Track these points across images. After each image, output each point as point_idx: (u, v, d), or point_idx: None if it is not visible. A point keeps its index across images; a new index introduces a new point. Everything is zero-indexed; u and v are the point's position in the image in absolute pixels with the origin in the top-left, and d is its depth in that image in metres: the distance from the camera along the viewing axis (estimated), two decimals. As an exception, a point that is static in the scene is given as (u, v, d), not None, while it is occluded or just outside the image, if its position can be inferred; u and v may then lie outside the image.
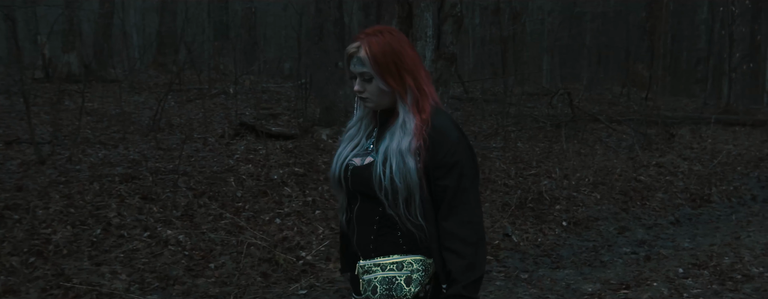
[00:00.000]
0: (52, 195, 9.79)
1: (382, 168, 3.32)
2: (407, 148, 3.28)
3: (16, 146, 13.28)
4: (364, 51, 3.36)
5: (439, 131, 3.32)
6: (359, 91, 3.42)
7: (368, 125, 3.60)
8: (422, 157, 3.29)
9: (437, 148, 3.29)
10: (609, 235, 10.34)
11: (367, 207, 3.46)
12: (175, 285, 7.65)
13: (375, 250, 3.47)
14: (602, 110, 20.71)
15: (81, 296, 7.20)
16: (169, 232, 8.76)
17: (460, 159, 3.32)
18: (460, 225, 3.29)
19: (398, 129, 3.35)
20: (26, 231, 8.45)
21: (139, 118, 16.81)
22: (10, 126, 15.17)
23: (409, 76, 3.37)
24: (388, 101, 3.43)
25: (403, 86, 3.36)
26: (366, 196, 3.45)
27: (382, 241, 3.45)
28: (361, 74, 3.39)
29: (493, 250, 9.21)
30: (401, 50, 3.37)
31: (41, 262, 7.84)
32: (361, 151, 3.52)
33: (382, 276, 3.44)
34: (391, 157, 3.30)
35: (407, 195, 3.30)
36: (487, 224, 9.93)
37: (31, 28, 26.27)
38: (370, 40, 3.37)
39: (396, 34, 3.43)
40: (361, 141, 3.58)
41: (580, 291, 7.92)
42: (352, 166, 3.49)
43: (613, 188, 12.14)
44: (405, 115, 3.36)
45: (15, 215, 8.98)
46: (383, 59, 3.34)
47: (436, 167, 3.30)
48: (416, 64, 3.41)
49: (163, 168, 11.45)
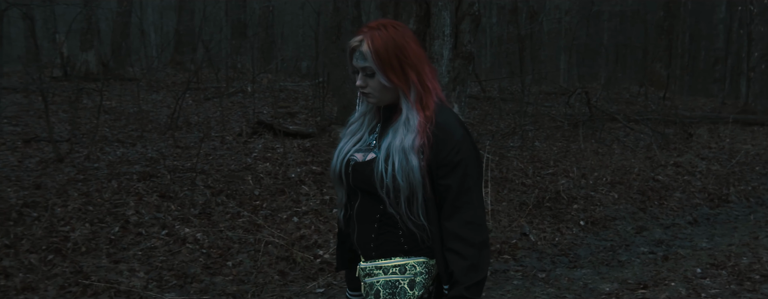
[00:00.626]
0: (71, 193, 9.83)
1: (384, 165, 3.24)
2: (410, 146, 3.21)
3: (35, 144, 13.34)
4: (367, 45, 3.27)
5: (444, 129, 3.25)
6: (361, 86, 3.35)
7: (371, 120, 3.52)
8: (426, 155, 3.22)
9: (441, 146, 3.22)
10: (626, 235, 10.32)
11: (367, 204, 3.39)
12: (193, 283, 7.67)
13: (376, 249, 3.41)
14: (620, 109, 20.65)
15: (99, 293, 7.22)
16: (187, 230, 8.78)
17: (464, 158, 3.24)
18: (462, 226, 3.23)
19: (401, 126, 3.27)
20: (45, 229, 8.49)
21: (157, 116, 16.86)
22: (29, 124, 15.23)
23: (412, 72, 3.28)
24: (391, 97, 3.35)
25: (406, 82, 3.28)
26: (367, 193, 3.37)
27: (383, 240, 3.39)
28: (363, 69, 3.30)
29: (510, 249, 9.20)
30: (405, 45, 3.28)
31: (60, 260, 7.87)
32: (364, 147, 3.45)
33: (385, 280, 3.38)
34: (394, 154, 3.23)
35: (409, 194, 3.23)
36: (505, 223, 9.93)
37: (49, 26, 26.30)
38: (373, 33, 3.28)
39: (400, 28, 3.34)
40: (363, 136, 3.50)
41: (597, 290, 7.91)
42: (353, 161, 3.42)
43: (631, 187, 12.12)
44: (408, 111, 3.28)
45: (34, 213, 9.02)
46: (386, 54, 3.24)
47: (439, 166, 3.23)
48: (420, 59, 3.32)
49: (180, 166, 11.48)
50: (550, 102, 21.97)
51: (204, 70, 22.97)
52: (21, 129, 14.83)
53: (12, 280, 7.32)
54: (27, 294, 7.15)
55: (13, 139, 13.68)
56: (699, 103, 26.11)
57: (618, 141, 16.25)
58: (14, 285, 7.23)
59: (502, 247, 9.19)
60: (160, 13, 36.01)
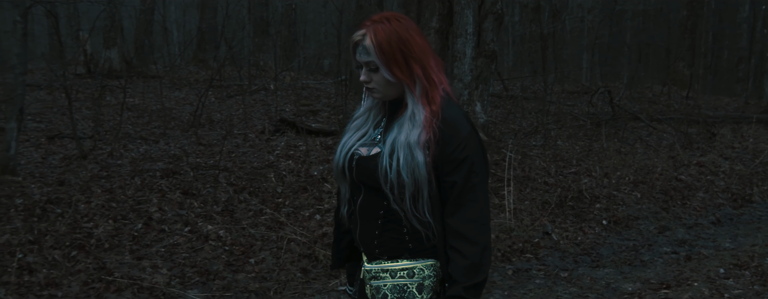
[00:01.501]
0: (94, 189, 9.87)
1: (388, 161, 3.18)
2: (416, 141, 3.15)
3: (59, 141, 13.40)
4: (370, 39, 3.21)
5: (450, 124, 3.19)
6: (366, 81, 3.29)
7: (377, 115, 3.46)
8: (431, 151, 3.16)
9: (447, 141, 3.17)
10: (649, 234, 10.29)
11: (371, 200, 3.33)
12: (216, 279, 7.69)
13: (380, 247, 3.34)
14: (643, 109, 20.59)
15: (122, 290, 7.25)
16: (210, 227, 8.80)
17: (470, 154, 3.19)
18: (465, 224, 3.18)
19: (407, 120, 3.21)
20: (68, 225, 8.53)
21: (180, 113, 16.91)
22: (53, 121, 15.30)
23: (417, 65, 3.22)
24: (396, 91, 3.29)
25: (410, 76, 3.22)
26: (370, 188, 3.31)
27: (387, 238, 3.33)
28: (367, 64, 3.24)
29: (532, 248, 9.19)
30: (408, 38, 3.22)
31: (83, 256, 7.90)
32: (368, 141, 3.39)
33: (393, 284, 3.32)
34: (399, 150, 3.17)
35: (414, 190, 3.17)
36: (527, 222, 9.92)
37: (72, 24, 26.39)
38: (376, 27, 3.22)
39: (404, 21, 3.26)
40: (368, 131, 3.44)
41: (620, 290, 7.89)
42: (357, 156, 3.36)
43: (654, 187, 12.08)
44: (414, 106, 3.22)
45: (57, 209, 9.06)
46: (389, 48, 3.18)
47: (444, 162, 3.18)
48: (425, 52, 3.25)
49: (203, 163, 11.51)
50: (573, 101, 21.92)
51: (226, 67, 23.00)
52: (45, 125, 14.90)
53: (36, 276, 7.36)
54: (51, 289, 7.18)
55: (37, 135, 13.75)
56: (722, 103, 25.99)
57: (641, 140, 16.20)
58: (38, 281, 7.26)
59: (525, 246, 9.18)
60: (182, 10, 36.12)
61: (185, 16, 35.71)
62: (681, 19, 30.10)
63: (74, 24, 25.75)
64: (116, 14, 22.17)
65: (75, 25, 25.56)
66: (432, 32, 13.76)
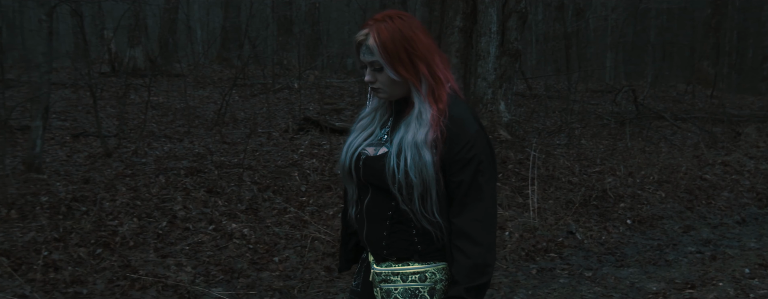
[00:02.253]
0: (119, 187, 9.91)
1: (396, 161, 3.11)
2: (423, 140, 3.08)
3: (83, 139, 13.47)
4: (373, 38, 3.12)
5: (457, 122, 3.12)
6: (370, 81, 3.21)
7: (383, 115, 3.38)
8: (439, 150, 3.09)
9: (455, 140, 3.10)
10: (674, 234, 10.25)
11: (378, 200, 3.26)
12: (240, 278, 7.70)
13: (388, 248, 3.27)
14: (667, 107, 20.54)
15: (147, 287, 7.27)
16: (234, 226, 8.82)
17: (477, 153, 3.12)
18: (470, 223, 3.12)
19: (414, 119, 3.13)
20: (93, 223, 8.56)
21: (204, 112, 16.96)
22: (77, 119, 15.37)
23: (422, 64, 3.13)
24: (402, 91, 3.20)
25: (416, 75, 3.13)
26: (378, 189, 3.24)
27: (395, 239, 3.25)
28: (371, 63, 3.16)
29: (556, 247, 9.17)
30: (412, 36, 3.12)
31: (108, 253, 7.93)
32: (375, 141, 3.31)
33: (404, 288, 3.25)
34: (406, 150, 3.09)
35: (423, 190, 3.10)
36: (551, 221, 9.90)
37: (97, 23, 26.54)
38: (379, 26, 3.13)
39: (407, 19, 3.17)
40: (375, 131, 3.36)
41: (644, 289, 7.87)
42: (364, 156, 3.28)
43: (678, 186, 12.04)
44: (420, 104, 3.14)
45: (82, 207, 9.10)
46: (393, 47, 3.09)
47: (452, 161, 3.11)
48: (430, 50, 3.17)
49: (227, 162, 11.54)
50: (597, 100, 21.88)
51: (250, 66, 23.08)
52: (70, 124, 14.97)
53: (61, 273, 7.39)
54: (76, 287, 7.21)
55: (62, 133, 13.82)
56: (747, 101, 25.88)
57: (665, 139, 16.15)
58: (63, 279, 7.29)
59: (549, 245, 9.16)
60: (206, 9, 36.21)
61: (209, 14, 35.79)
62: (705, 18, 30.00)
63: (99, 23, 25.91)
64: (140, 13, 22.26)
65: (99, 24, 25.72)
66: (456, 31, 13.76)
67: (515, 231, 9.35)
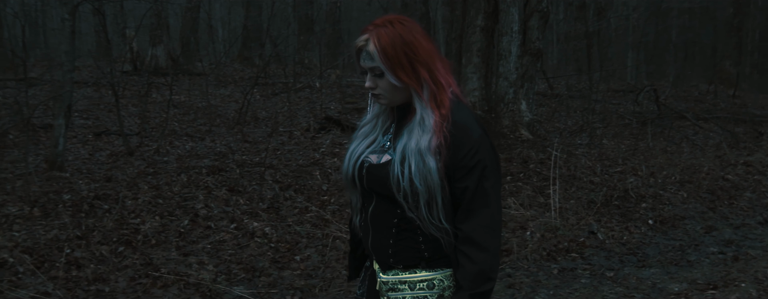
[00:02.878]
0: (141, 185, 9.95)
1: (400, 168, 3.05)
2: (427, 147, 3.02)
3: (105, 137, 13.52)
4: (373, 44, 3.07)
5: (461, 128, 3.06)
6: (371, 87, 3.16)
7: (385, 121, 3.33)
8: (443, 156, 3.03)
9: (458, 146, 3.04)
10: (696, 234, 10.21)
11: (383, 208, 3.20)
12: (261, 276, 7.72)
13: (394, 256, 3.21)
14: (689, 107, 20.47)
15: (169, 286, 7.29)
16: (256, 224, 8.84)
17: (482, 158, 3.07)
18: (477, 230, 3.07)
19: (416, 126, 3.07)
20: (116, 221, 8.60)
21: (225, 110, 17.00)
22: (99, 118, 15.43)
23: (423, 69, 3.08)
24: (403, 97, 3.15)
25: (417, 80, 3.08)
26: (382, 196, 3.18)
27: (401, 247, 3.19)
28: (372, 69, 3.11)
29: (578, 247, 9.15)
30: (413, 41, 3.08)
31: (130, 251, 7.96)
32: (378, 148, 3.26)
33: (412, 296, 3.20)
34: (410, 157, 3.04)
35: (428, 197, 3.04)
36: (573, 221, 9.88)
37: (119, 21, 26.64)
38: (379, 31, 3.08)
39: (408, 24, 3.13)
40: (377, 138, 3.31)
41: (666, 290, 7.84)
42: (367, 163, 3.23)
43: (700, 187, 12.00)
44: (422, 110, 3.08)
45: (105, 205, 9.14)
46: (393, 52, 3.04)
47: (456, 167, 3.05)
48: (431, 55, 3.11)
49: (249, 160, 11.57)
50: (618, 99, 21.82)
51: (271, 65, 23.11)
52: (92, 122, 15.03)
53: (84, 271, 7.42)
54: (98, 284, 7.24)
55: (84, 132, 13.88)
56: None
57: (687, 139, 16.10)
58: (86, 276, 7.33)
59: (570, 245, 9.15)
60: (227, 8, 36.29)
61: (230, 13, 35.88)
62: (727, 17, 29.90)
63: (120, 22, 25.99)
64: (162, 12, 22.33)
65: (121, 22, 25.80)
66: (477, 30, 13.74)
67: (537, 230, 9.34)
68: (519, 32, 13.77)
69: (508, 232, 9.30)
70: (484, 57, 13.96)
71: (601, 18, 26.43)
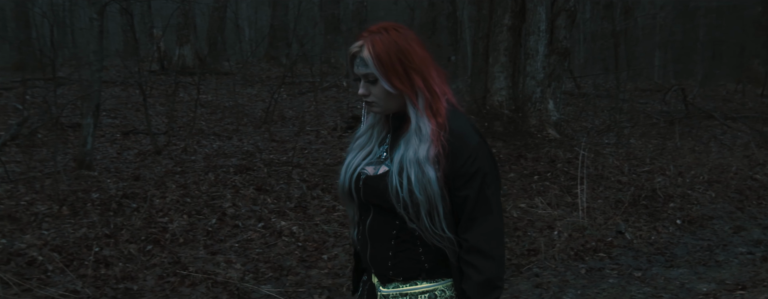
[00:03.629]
0: (169, 184, 9.99)
1: (398, 179, 2.97)
2: (425, 157, 2.94)
3: (133, 136, 13.58)
4: (367, 50, 3.01)
5: (458, 136, 2.99)
6: (364, 94, 3.08)
7: (380, 132, 3.25)
8: (442, 165, 2.95)
9: (457, 154, 2.97)
10: (724, 234, 10.16)
11: (381, 220, 3.13)
12: (289, 275, 7.73)
13: (394, 268, 3.14)
14: (717, 107, 20.37)
15: (197, 284, 7.32)
16: (283, 223, 8.86)
17: (481, 166, 2.99)
18: (482, 238, 3.00)
19: (413, 135, 3.00)
20: (144, 220, 8.64)
21: (252, 110, 17.05)
22: (127, 117, 15.51)
23: (418, 77, 3.00)
24: (397, 105, 3.08)
25: (411, 87, 3.00)
26: (380, 208, 3.11)
27: (401, 258, 3.12)
28: (365, 76, 3.04)
29: (605, 247, 9.13)
30: (408, 48, 3.01)
31: (158, 250, 8.00)
32: (374, 159, 3.18)
33: None
34: (409, 167, 2.96)
35: (429, 208, 2.96)
36: (600, 221, 9.85)
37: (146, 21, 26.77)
38: (374, 38, 3.02)
39: (403, 31, 3.07)
40: (373, 149, 3.23)
41: (694, 290, 7.81)
42: (364, 175, 3.14)
43: (729, 186, 11.93)
44: (418, 119, 3.01)
45: (133, 203, 9.19)
46: (388, 59, 2.98)
47: (455, 176, 2.97)
48: (426, 63, 3.04)
49: (276, 160, 11.60)
50: (645, 99, 21.75)
51: (298, 64, 23.15)
52: (120, 121, 15.10)
53: (112, 269, 7.46)
54: (126, 282, 7.28)
55: (112, 131, 13.95)
56: (799, 101, 25.62)
57: (715, 139, 16.03)
58: (114, 274, 7.36)
59: (598, 245, 9.12)
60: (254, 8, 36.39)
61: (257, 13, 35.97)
62: (755, 16, 29.70)
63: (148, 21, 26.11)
64: (189, 12, 22.41)
65: (148, 22, 25.92)
66: (504, 30, 13.73)
67: (564, 230, 9.32)
68: (546, 31, 13.74)
69: (535, 232, 9.29)
70: (511, 56, 13.95)
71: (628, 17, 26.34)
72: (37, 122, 13.67)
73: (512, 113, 13.65)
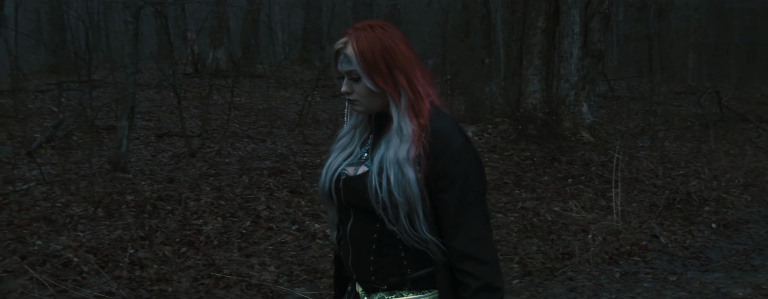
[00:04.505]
0: (203, 187, 10.03)
1: (377, 180, 2.89)
2: (405, 157, 2.86)
3: (167, 139, 13.65)
4: (351, 47, 2.94)
5: (440, 137, 2.90)
6: (347, 92, 3.01)
7: (362, 133, 3.18)
8: (422, 167, 2.86)
9: (438, 156, 2.87)
10: (760, 238, 10.08)
11: (362, 223, 3.05)
12: (323, 278, 7.74)
13: (376, 273, 3.04)
14: (752, 110, 20.23)
15: (231, 286, 7.34)
16: (317, 226, 8.87)
17: (463, 168, 2.89)
18: (469, 244, 2.88)
19: (394, 135, 2.93)
20: (178, 222, 8.68)
21: (286, 112, 17.09)
22: (161, 119, 15.58)
23: (401, 76, 2.94)
24: (380, 104, 3.01)
25: (394, 87, 2.94)
26: (360, 210, 3.02)
27: (384, 263, 3.03)
28: (348, 73, 2.97)
29: (640, 251, 9.08)
30: (393, 46, 2.95)
31: (193, 252, 8.03)
32: (355, 160, 3.10)
33: None
34: (388, 168, 2.88)
35: (409, 210, 2.87)
36: (635, 224, 9.81)
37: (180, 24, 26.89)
38: (359, 35, 2.96)
39: (388, 29, 3.00)
40: (355, 149, 3.16)
41: (730, 295, 7.76)
42: (344, 176, 3.07)
43: (764, 190, 11.86)
44: (400, 119, 2.93)
45: (167, 206, 9.23)
46: (371, 56, 2.91)
47: (437, 178, 2.88)
48: (411, 63, 2.98)
49: (310, 162, 11.61)
50: (680, 101, 21.63)
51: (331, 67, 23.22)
52: (154, 124, 15.18)
53: (147, 271, 7.50)
54: (161, 284, 7.31)
55: (146, 133, 14.02)
56: (834, 104, 25.42)
57: (750, 142, 15.92)
58: (149, 276, 7.40)
59: (632, 249, 9.08)
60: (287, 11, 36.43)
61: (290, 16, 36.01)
62: (791, 17, 29.53)
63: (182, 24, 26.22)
64: (223, 15, 22.50)
65: (182, 25, 26.02)
66: (538, 32, 13.70)
67: (598, 234, 9.29)
68: (580, 34, 13.69)
69: (569, 235, 9.26)
70: (545, 59, 13.91)
71: (662, 19, 26.25)
72: (73, 124, 13.77)
73: (546, 116, 13.61)
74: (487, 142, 12.93)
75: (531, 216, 9.81)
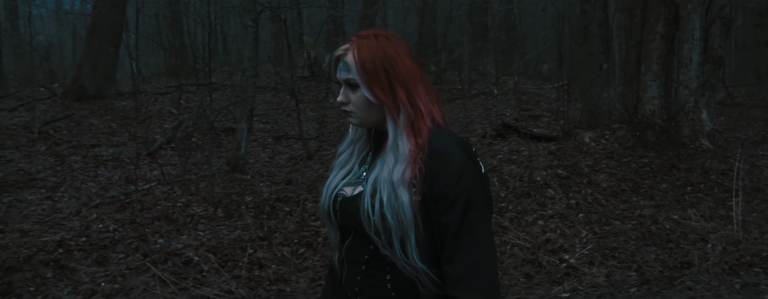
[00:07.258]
0: (320, 189, 10.10)
1: (370, 201, 2.79)
2: (399, 179, 2.75)
3: (285, 141, 13.81)
4: (352, 54, 2.85)
5: (439, 156, 2.76)
6: (343, 101, 2.91)
7: (362, 149, 3.08)
8: (418, 189, 2.74)
9: (437, 177, 2.73)
10: None
11: (357, 243, 2.95)
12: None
13: (360, 294, 2.95)
14: None
15: (348, 289, 7.39)
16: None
17: (465, 188, 2.73)
18: (467, 270, 2.73)
19: (390, 152, 2.82)
20: (296, 223, 8.77)
21: (401, 116, 17.13)
22: (278, 122, 15.77)
23: (402, 90, 2.83)
24: (377, 118, 2.90)
25: (393, 100, 2.83)
26: (357, 232, 2.92)
27: (367, 285, 2.93)
28: (346, 81, 2.88)
29: (761, 262, 8.90)
30: (395, 57, 2.85)
31: (310, 253, 8.12)
32: (353, 180, 2.99)
33: None
34: (382, 189, 2.78)
35: (401, 235, 2.76)
36: (756, 235, 9.62)
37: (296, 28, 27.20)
38: (361, 42, 2.87)
39: (393, 40, 2.91)
40: (353, 168, 3.05)
41: None
42: (341, 197, 2.96)
43: None
44: (397, 136, 2.82)
45: (285, 207, 9.34)
46: (372, 65, 2.82)
47: (436, 199, 2.74)
48: (413, 77, 2.87)
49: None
50: (802, 109, 21.16)
51: (447, 71, 23.21)
52: (271, 126, 15.38)
53: (265, 271, 7.60)
54: (279, 284, 7.41)
55: (264, 136, 14.21)
56: None
57: None
58: (268, 276, 7.50)
59: (753, 259, 8.90)
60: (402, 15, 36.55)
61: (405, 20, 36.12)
62: None
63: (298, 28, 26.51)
64: (339, 19, 22.69)
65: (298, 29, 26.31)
66: (657, 37, 13.52)
67: (718, 243, 9.13)
68: (700, 39, 13.47)
69: (688, 244, 9.12)
70: (664, 64, 13.73)
71: (783, 24, 25.72)
72: (192, 126, 14.01)
73: (665, 123, 13.43)
74: (604, 148, 12.80)
75: (649, 223, 9.69)
